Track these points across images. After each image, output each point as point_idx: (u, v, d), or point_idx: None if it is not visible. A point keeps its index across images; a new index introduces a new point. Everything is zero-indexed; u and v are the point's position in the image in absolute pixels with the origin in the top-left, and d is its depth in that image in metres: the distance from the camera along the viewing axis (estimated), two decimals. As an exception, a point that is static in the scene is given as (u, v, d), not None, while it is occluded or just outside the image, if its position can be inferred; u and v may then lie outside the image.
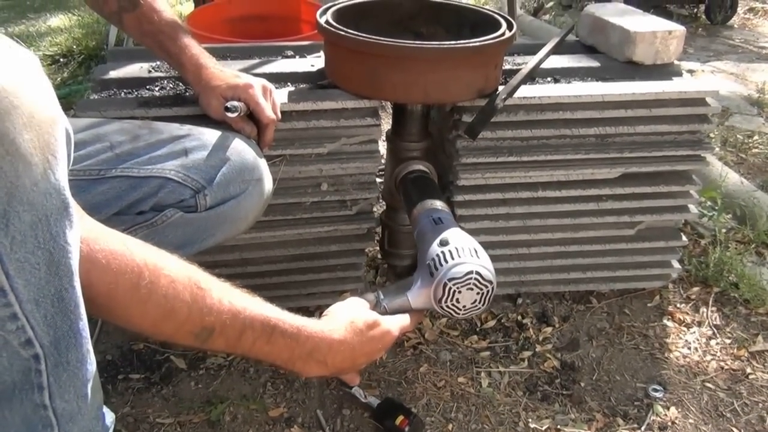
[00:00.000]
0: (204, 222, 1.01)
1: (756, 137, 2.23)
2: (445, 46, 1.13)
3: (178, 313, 0.76)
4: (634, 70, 1.40)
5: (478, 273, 0.99)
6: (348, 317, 0.93)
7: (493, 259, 1.06)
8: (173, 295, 0.75)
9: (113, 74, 1.27)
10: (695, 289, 1.52)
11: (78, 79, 2.52)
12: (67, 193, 0.60)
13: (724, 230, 1.67)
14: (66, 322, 0.64)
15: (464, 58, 1.15)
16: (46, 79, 0.60)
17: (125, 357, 1.30)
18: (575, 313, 1.45)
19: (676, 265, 1.49)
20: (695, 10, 3.73)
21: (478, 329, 1.39)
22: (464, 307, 1.02)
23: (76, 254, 0.62)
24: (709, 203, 1.76)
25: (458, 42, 1.13)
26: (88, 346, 0.67)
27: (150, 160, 0.97)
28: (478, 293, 1.01)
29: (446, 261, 0.99)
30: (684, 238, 1.46)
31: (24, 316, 0.60)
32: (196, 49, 1.12)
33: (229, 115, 1.05)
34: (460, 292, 1.00)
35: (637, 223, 1.42)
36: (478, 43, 1.13)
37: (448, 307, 1.02)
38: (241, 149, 1.03)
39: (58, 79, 2.58)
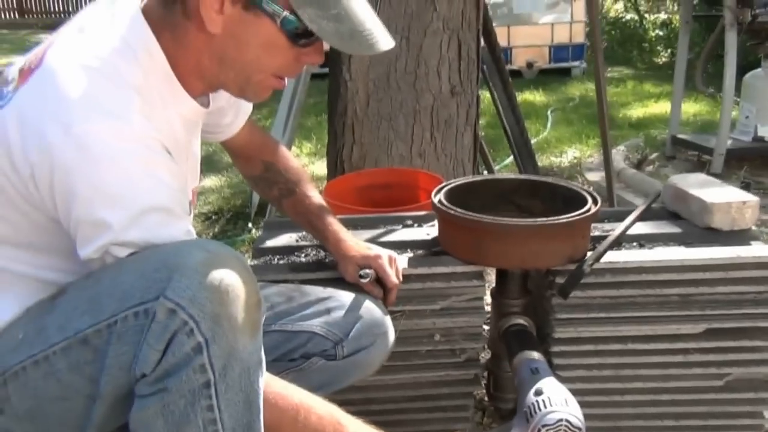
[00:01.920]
0: (341, 368, 1.26)
1: None
2: (538, 222, 1.37)
3: None
4: (714, 235, 1.57)
5: (567, 421, 1.17)
6: None
7: (589, 404, 1.23)
8: (321, 430, 0.99)
9: (269, 243, 1.59)
10: (790, 440, 1.59)
11: (228, 235, 2.93)
12: (262, 351, 0.88)
13: (820, 383, 1.73)
14: None
15: (554, 232, 1.38)
16: (251, 272, 0.89)
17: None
18: (670, 459, 1.55)
19: (767, 415, 1.57)
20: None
21: (576, 470, 1.52)
22: None
23: (262, 395, 0.89)
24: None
25: (548, 219, 1.37)
26: None
27: (301, 318, 1.25)
28: None
29: (540, 409, 1.18)
30: (773, 390, 1.55)
31: None
32: (336, 225, 1.41)
33: (362, 280, 1.33)
34: None
35: (725, 374, 1.53)
36: (565, 220, 1.37)
37: None
38: (371, 308, 1.29)
39: (210, 234, 3.00)
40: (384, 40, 1.04)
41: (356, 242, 1.40)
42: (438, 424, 1.59)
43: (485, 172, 2.70)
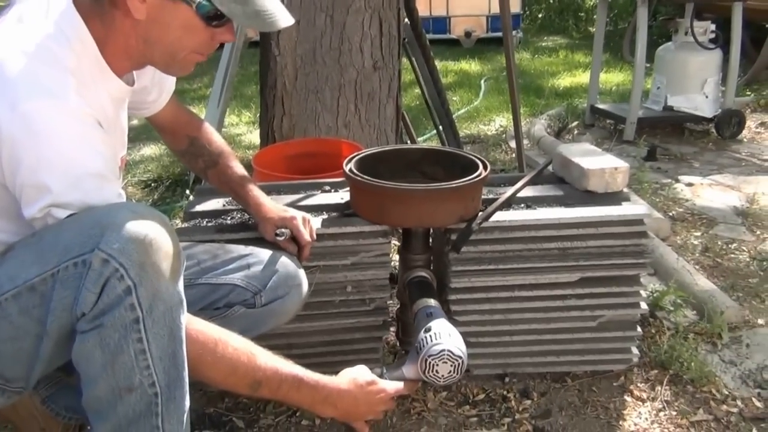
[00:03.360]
0: (260, 315, 1.46)
1: (735, 245, 2.57)
2: (430, 187, 1.58)
3: (239, 371, 1.20)
4: (590, 197, 1.81)
5: (449, 350, 1.39)
6: (352, 375, 1.35)
7: (482, 345, 1.44)
8: (236, 359, 1.19)
9: (198, 208, 1.77)
10: (654, 371, 1.85)
11: (166, 201, 3.08)
12: (182, 293, 1.07)
13: (685, 323, 2.01)
14: (175, 371, 1.09)
15: (445, 195, 1.59)
16: (172, 228, 1.09)
17: (200, 418, 1.71)
18: (552, 389, 1.80)
19: (634, 351, 1.83)
20: (708, 126, 4.12)
21: (470, 401, 1.76)
22: (443, 376, 1.41)
23: (184, 329, 1.08)
24: (678, 301, 2.11)
25: (438, 184, 1.58)
26: (187, 388, 1.12)
27: (224, 272, 1.43)
28: (451, 365, 1.40)
29: (427, 343, 1.40)
30: (639, 329, 1.81)
31: (153, 367, 1.06)
32: (256, 191, 1.60)
33: (278, 238, 1.52)
34: (437, 365, 1.40)
35: (598, 316, 1.78)
36: (454, 185, 1.58)
37: (430, 376, 1.41)
38: (286, 263, 1.49)
39: (150, 200, 3.14)
40: (284, 19, 1.23)
41: (274, 205, 1.59)
42: (352, 365, 1.79)
43: (408, 141, 2.91)
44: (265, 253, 1.49)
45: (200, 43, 1.23)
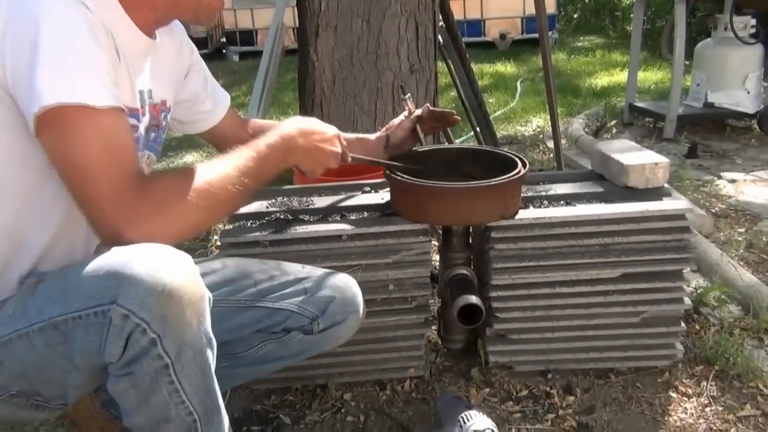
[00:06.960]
0: (316, 340, 1.44)
1: (780, 239, 2.54)
2: (468, 185, 1.60)
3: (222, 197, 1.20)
4: (631, 193, 1.81)
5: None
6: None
7: (524, 341, 1.46)
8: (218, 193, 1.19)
9: (242, 210, 1.81)
10: (699, 367, 1.84)
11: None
12: (210, 332, 1.08)
13: (730, 319, 1.99)
14: (211, 401, 1.12)
15: (483, 193, 1.61)
16: (196, 268, 1.08)
17: (247, 415, 1.76)
18: (595, 386, 1.80)
19: (679, 347, 1.82)
20: (750, 122, 4.06)
21: (513, 397, 1.76)
22: None
23: (213, 363, 1.11)
24: (723, 296, 2.09)
25: (477, 182, 1.60)
26: (224, 412, 1.16)
27: (282, 296, 1.41)
28: None
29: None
30: (683, 325, 1.80)
31: (188, 401, 1.09)
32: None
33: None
34: None
35: (640, 312, 1.78)
36: (493, 183, 1.60)
37: None
38: (343, 288, 1.45)
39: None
40: None
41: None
42: (395, 363, 1.83)
43: (446, 143, 2.92)
44: (322, 276, 1.46)
45: None
